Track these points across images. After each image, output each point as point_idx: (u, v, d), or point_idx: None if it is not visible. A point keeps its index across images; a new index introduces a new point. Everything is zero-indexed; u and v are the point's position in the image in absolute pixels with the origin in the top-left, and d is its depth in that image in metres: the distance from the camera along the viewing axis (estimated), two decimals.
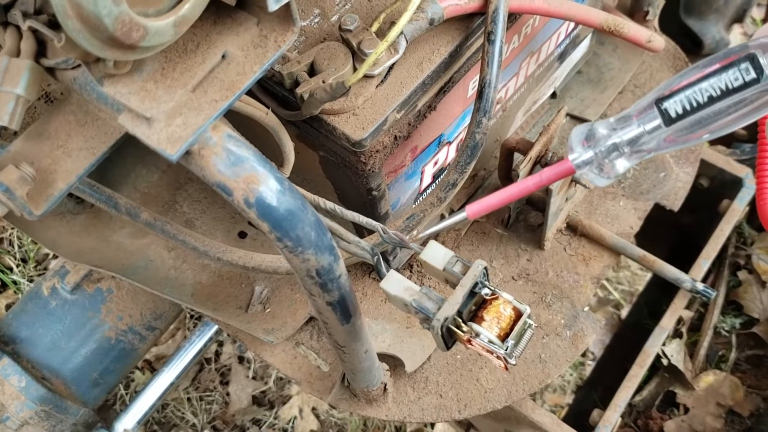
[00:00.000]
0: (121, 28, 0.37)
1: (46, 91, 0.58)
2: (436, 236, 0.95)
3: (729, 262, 1.34)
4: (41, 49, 0.46)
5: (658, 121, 0.55)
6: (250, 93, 0.71)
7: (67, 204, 0.97)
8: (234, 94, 0.46)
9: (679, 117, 0.53)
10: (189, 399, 1.80)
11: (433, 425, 1.67)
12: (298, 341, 0.98)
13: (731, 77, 0.51)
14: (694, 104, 0.53)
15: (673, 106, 0.54)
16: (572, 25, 1.01)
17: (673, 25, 1.39)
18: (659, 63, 1.20)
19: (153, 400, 1.20)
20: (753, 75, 0.50)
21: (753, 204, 1.34)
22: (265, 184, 0.45)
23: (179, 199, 1.06)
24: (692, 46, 1.43)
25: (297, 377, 0.95)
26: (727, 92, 0.51)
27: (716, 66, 0.52)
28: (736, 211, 1.13)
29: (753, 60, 0.50)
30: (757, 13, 2.22)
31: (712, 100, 0.51)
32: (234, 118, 0.59)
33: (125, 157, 1.02)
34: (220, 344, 1.88)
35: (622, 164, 0.59)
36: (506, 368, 0.57)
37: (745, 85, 0.50)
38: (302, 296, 0.98)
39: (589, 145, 0.61)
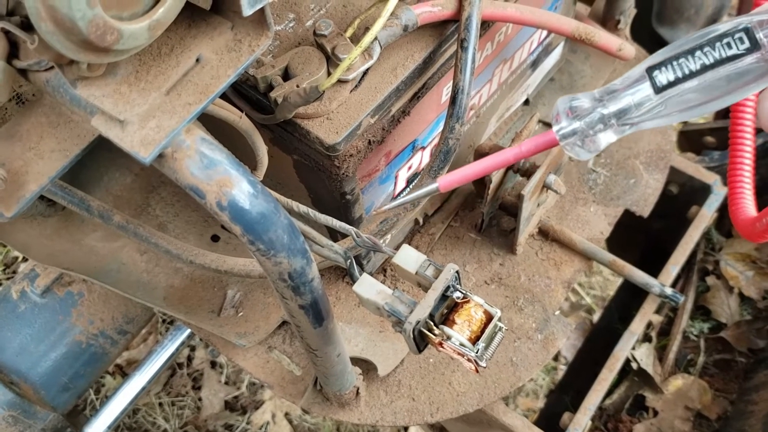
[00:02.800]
0: (95, 31, 0.37)
1: (17, 93, 0.58)
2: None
3: (698, 267, 1.36)
4: (13, 50, 0.45)
5: (648, 91, 0.54)
6: (224, 96, 0.71)
7: (39, 206, 0.96)
8: (208, 98, 0.46)
9: (670, 84, 0.53)
10: (161, 404, 1.78)
11: (406, 429, 1.67)
12: (271, 345, 0.98)
13: (725, 46, 0.50)
14: (686, 71, 0.52)
15: (664, 73, 0.53)
16: (545, 33, 1.03)
17: (644, 33, 1.41)
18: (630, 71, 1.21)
19: (124, 405, 1.18)
20: (747, 44, 0.49)
21: (721, 210, 1.37)
22: (237, 188, 0.45)
23: (152, 202, 1.06)
24: None
25: (269, 381, 0.95)
26: (719, 61, 0.50)
27: (711, 35, 0.51)
28: (704, 217, 1.16)
29: (747, 31, 0.50)
30: None
31: (704, 68, 0.51)
32: (208, 121, 0.60)
33: (98, 159, 1.02)
34: (193, 349, 1.86)
35: (606, 137, 0.58)
36: (477, 371, 0.58)
37: (738, 55, 0.50)
38: (275, 300, 0.98)
39: (574, 116, 0.59)
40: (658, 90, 0.53)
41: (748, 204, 0.85)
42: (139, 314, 1.13)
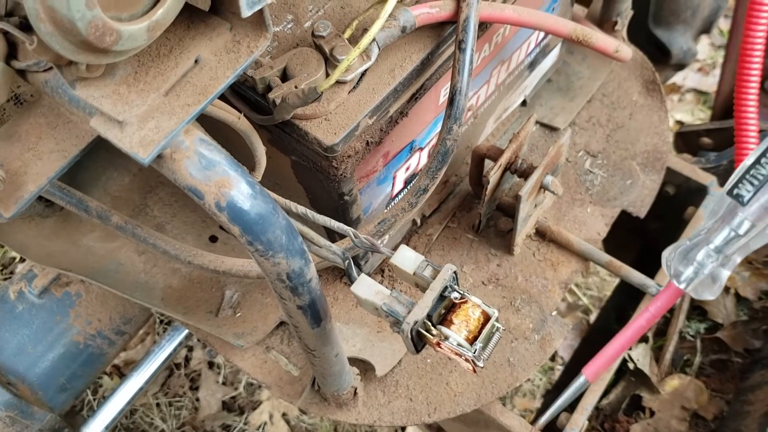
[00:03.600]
0: (94, 32, 0.37)
1: (16, 93, 0.58)
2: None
3: None
4: (12, 51, 0.46)
5: (739, 213, 0.58)
6: (222, 97, 0.71)
7: (37, 207, 0.96)
8: (206, 99, 0.46)
9: (753, 196, 0.57)
10: (158, 404, 1.78)
11: (403, 429, 1.67)
12: (269, 346, 0.98)
13: None
14: (761, 178, 0.56)
15: (743, 188, 0.57)
16: (542, 34, 1.03)
17: (641, 35, 1.41)
18: (627, 72, 1.22)
19: (121, 405, 1.18)
20: None
21: None
22: (236, 188, 0.45)
23: (150, 202, 1.06)
24: (660, 56, 1.46)
25: (267, 381, 0.95)
26: None
27: (766, 144, 0.55)
28: (701, 218, 1.16)
29: None
30: (724, 24, 2.27)
31: None
32: (206, 122, 0.60)
33: (96, 160, 1.02)
34: (190, 349, 1.86)
35: (723, 273, 0.62)
36: (474, 371, 0.58)
37: None
38: (273, 300, 0.98)
39: (686, 262, 0.63)
40: (746, 203, 0.57)
41: None
42: (136, 315, 1.13)
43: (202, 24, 0.48)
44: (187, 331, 1.22)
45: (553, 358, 1.81)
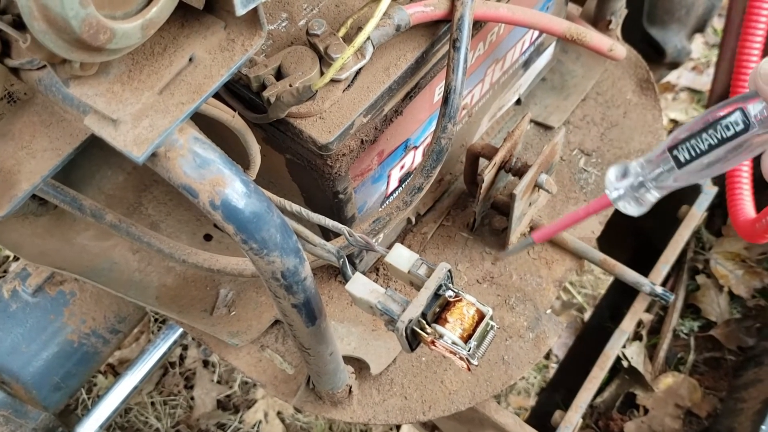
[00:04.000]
0: (88, 30, 0.37)
1: (9, 92, 0.57)
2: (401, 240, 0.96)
3: (688, 266, 1.37)
4: (5, 49, 0.45)
5: (672, 166, 0.66)
6: (217, 96, 0.71)
7: (30, 205, 0.96)
8: (201, 97, 0.46)
9: (688, 161, 0.64)
10: (153, 403, 1.78)
11: (398, 428, 1.68)
12: (264, 344, 0.98)
13: (724, 128, 0.61)
14: (698, 151, 0.63)
15: (682, 153, 0.64)
16: (536, 33, 1.03)
17: (636, 33, 1.42)
18: (621, 71, 1.22)
19: (116, 404, 1.18)
20: (741, 126, 0.60)
21: (711, 210, 1.38)
22: (230, 187, 0.45)
23: (144, 201, 1.06)
24: (654, 55, 1.46)
25: (262, 380, 0.95)
26: (722, 141, 0.61)
27: (715, 116, 0.62)
28: (694, 216, 1.16)
29: (743, 112, 0.60)
30: (718, 23, 2.27)
31: (711, 147, 0.62)
32: (201, 120, 0.60)
33: (90, 158, 1.01)
34: (185, 348, 1.86)
35: (652, 196, 0.69)
36: (469, 369, 0.58)
37: (736, 134, 0.60)
38: (267, 299, 0.98)
39: (624, 180, 0.70)
40: (680, 166, 0.64)
41: (747, 205, 0.86)
42: (131, 313, 1.13)
43: (197, 22, 0.48)
44: (181, 329, 1.22)
45: (547, 357, 1.82)
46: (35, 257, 0.94)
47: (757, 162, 0.64)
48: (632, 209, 0.71)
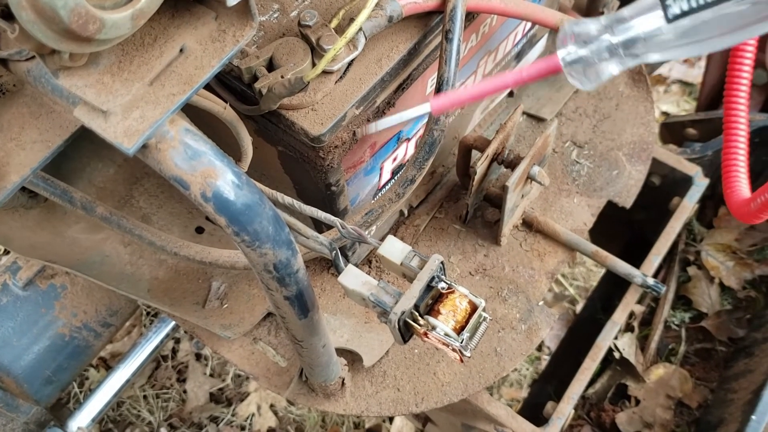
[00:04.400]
0: (77, 20, 0.37)
1: None
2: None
3: (679, 258, 1.38)
4: None
5: (659, 22, 0.52)
6: (208, 87, 0.70)
7: (20, 198, 0.95)
8: (192, 88, 0.45)
9: (684, 14, 0.50)
10: (145, 397, 1.78)
11: (391, 419, 1.68)
12: (256, 337, 0.97)
13: None
14: (701, 2, 0.49)
15: (678, 2, 0.50)
16: (529, 25, 1.03)
17: None
18: None
19: (108, 398, 1.18)
20: None
21: (703, 201, 1.38)
22: (222, 178, 0.45)
23: (135, 193, 1.05)
24: None
25: (255, 373, 0.95)
26: None
27: None
28: (686, 208, 1.17)
29: None
30: None
31: (716, 0, 0.49)
32: (192, 112, 0.59)
33: (81, 150, 1.01)
34: (177, 341, 1.86)
35: (610, 68, 0.56)
36: (461, 360, 0.58)
37: None
38: (260, 292, 0.98)
39: (580, 42, 0.57)
40: (671, 19, 0.51)
41: (742, 185, 0.85)
42: (122, 306, 1.12)
43: (187, 13, 0.47)
44: (173, 322, 1.22)
45: (539, 348, 1.83)
46: (26, 250, 0.93)
47: (753, 146, 0.58)
48: (583, 82, 0.58)
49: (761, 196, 0.77)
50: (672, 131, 1.43)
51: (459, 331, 0.57)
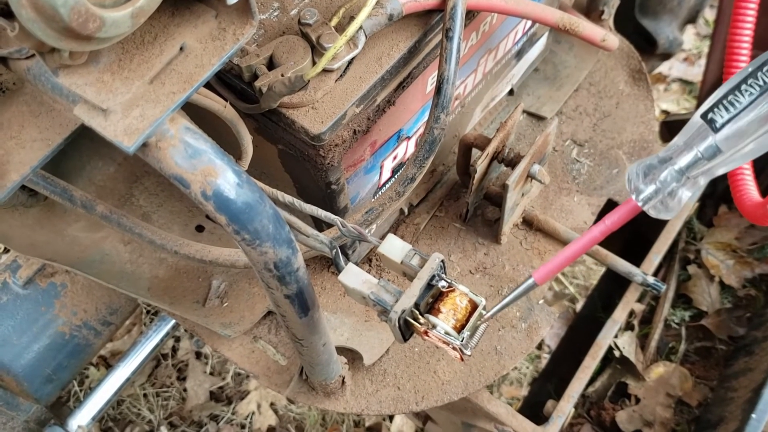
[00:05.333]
0: (77, 18, 0.37)
1: None
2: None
3: (679, 256, 1.38)
4: None
5: (709, 138, 0.55)
6: (208, 86, 0.70)
7: (20, 196, 0.95)
8: (192, 87, 0.45)
9: (725, 123, 0.54)
10: (145, 395, 1.78)
11: (391, 418, 1.68)
12: (256, 335, 0.97)
13: (765, 74, 0.51)
14: (737, 105, 0.53)
15: (718, 114, 0.54)
16: (529, 23, 1.03)
17: (628, 24, 1.42)
18: (614, 61, 1.22)
19: (108, 396, 1.18)
20: None
21: (702, 200, 1.38)
22: (222, 177, 0.45)
23: (136, 192, 1.05)
24: (647, 46, 1.46)
25: (255, 371, 0.95)
26: (764, 88, 0.50)
27: (749, 69, 0.52)
28: (686, 206, 1.17)
29: None
30: (709, 14, 2.28)
31: (754, 98, 0.52)
32: (192, 110, 0.59)
33: (80, 149, 1.01)
34: (177, 339, 1.86)
35: (685, 193, 0.59)
36: (462, 359, 0.58)
37: None
38: (260, 290, 0.98)
39: (649, 179, 0.60)
40: (717, 129, 0.54)
41: (751, 189, 0.85)
42: (123, 305, 1.12)
43: (187, 11, 0.47)
44: (174, 321, 1.22)
45: (539, 347, 1.83)
46: (25, 249, 0.93)
47: None
48: (667, 212, 0.61)
49: None
50: (672, 129, 1.43)
51: (459, 329, 0.57)
